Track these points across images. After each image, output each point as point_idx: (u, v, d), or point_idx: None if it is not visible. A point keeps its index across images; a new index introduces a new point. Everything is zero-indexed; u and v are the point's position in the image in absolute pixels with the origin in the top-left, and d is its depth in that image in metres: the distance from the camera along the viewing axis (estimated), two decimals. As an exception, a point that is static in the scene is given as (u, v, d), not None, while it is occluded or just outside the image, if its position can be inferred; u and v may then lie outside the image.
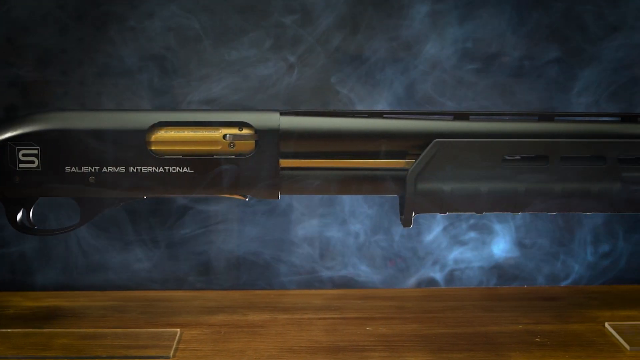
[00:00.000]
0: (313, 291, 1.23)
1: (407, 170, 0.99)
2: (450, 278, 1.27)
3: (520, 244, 1.28)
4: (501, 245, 1.28)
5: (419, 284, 1.28)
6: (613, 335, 1.06)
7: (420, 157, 0.99)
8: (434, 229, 1.26)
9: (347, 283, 1.27)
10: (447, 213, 1.01)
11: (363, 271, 1.27)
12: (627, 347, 1.02)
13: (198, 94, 1.19)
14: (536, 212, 1.01)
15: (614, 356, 1.00)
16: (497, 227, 1.26)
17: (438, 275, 1.27)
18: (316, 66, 1.20)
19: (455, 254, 1.27)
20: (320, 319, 1.12)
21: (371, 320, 1.11)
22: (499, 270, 1.28)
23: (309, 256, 1.26)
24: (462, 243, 1.27)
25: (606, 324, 1.08)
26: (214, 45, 1.19)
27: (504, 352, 1.01)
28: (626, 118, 1.03)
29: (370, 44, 1.20)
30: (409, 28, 1.19)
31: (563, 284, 1.28)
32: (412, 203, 1.00)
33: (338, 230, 1.25)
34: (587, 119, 1.04)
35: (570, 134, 1.01)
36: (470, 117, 1.02)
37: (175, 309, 1.15)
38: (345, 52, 1.21)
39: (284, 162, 1.00)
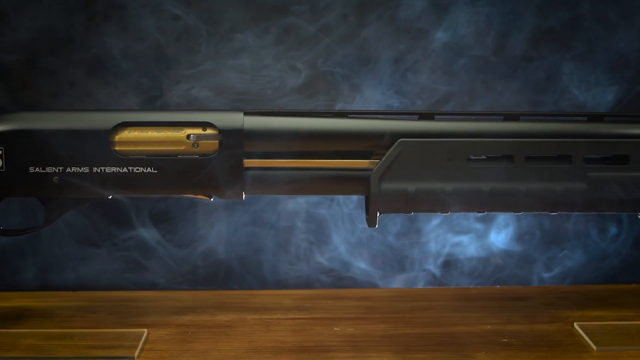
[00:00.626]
0: (284, 291, 1.23)
1: (371, 170, 0.99)
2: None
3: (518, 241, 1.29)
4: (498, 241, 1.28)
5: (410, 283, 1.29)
6: (581, 336, 1.05)
7: (384, 157, 0.99)
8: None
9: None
10: (413, 213, 1.01)
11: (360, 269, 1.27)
12: (594, 347, 1.02)
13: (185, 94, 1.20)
14: (501, 212, 1.01)
15: (580, 356, 1.00)
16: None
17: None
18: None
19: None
20: (288, 319, 1.11)
21: (340, 321, 1.11)
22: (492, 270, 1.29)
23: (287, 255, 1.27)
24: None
25: (575, 324, 1.08)
26: (207, 44, 1.19)
27: (469, 352, 1.01)
28: (593, 117, 1.03)
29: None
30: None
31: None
32: (376, 203, 0.99)
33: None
34: (553, 118, 1.03)
35: (536, 134, 1.01)
36: (436, 116, 1.02)
37: (144, 309, 1.15)
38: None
39: (248, 162, 1.00)
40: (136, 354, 1.00)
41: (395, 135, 1.00)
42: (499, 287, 1.26)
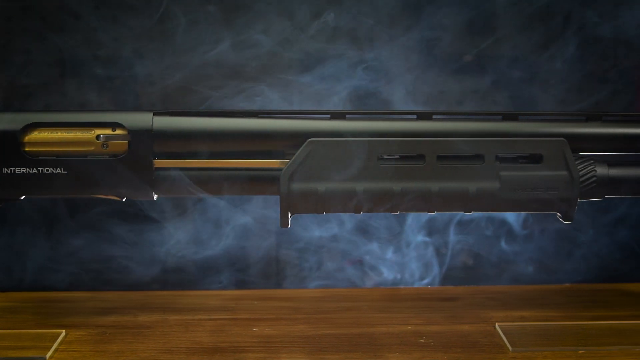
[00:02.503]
0: (211, 292, 1.22)
1: (282, 170, 0.99)
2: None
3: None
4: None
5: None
6: (500, 336, 1.05)
7: (294, 157, 0.98)
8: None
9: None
10: (324, 213, 1.00)
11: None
12: (510, 348, 1.01)
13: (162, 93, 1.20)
14: (414, 212, 1.01)
15: (494, 357, 0.99)
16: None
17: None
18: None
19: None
20: (210, 320, 1.11)
21: (261, 321, 1.10)
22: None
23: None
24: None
25: (496, 325, 1.07)
26: (183, 46, 1.19)
27: (383, 353, 1.00)
28: (507, 116, 1.02)
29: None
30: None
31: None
32: (286, 203, 0.99)
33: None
34: (466, 117, 1.02)
35: (449, 133, 1.00)
36: (347, 116, 1.01)
37: (68, 310, 1.14)
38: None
39: (159, 163, 0.99)
40: (48, 355, 0.99)
41: (306, 135, 0.99)
42: (429, 287, 1.25)
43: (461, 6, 1.20)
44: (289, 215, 1.00)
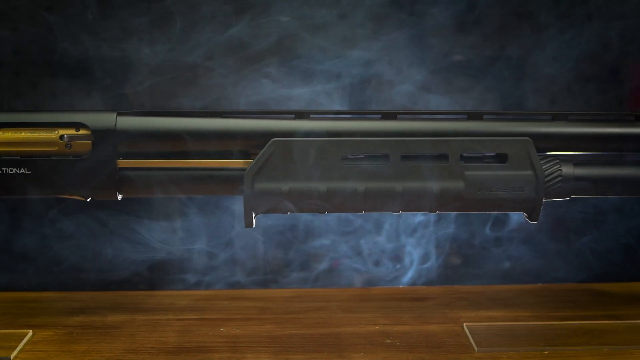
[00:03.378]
0: (182, 292, 1.22)
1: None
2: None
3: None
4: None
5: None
6: (467, 337, 1.04)
7: (258, 156, 0.98)
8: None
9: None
10: (289, 213, 1.00)
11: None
12: (476, 348, 1.01)
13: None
14: (379, 212, 1.00)
15: (459, 358, 0.99)
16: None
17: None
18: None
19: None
20: (178, 320, 1.11)
21: (229, 321, 1.10)
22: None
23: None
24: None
25: (464, 325, 1.07)
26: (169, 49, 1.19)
27: (348, 353, 1.00)
28: (472, 116, 1.01)
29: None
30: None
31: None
32: (250, 203, 0.98)
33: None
34: (431, 117, 1.02)
35: (413, 133, 1.00)
36: (311, 115, 1.01)
37: (38, 310, 1.14)
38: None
39: (123, 163, 0.99)
40: (13, 355, 0.99)
41: (270, 135, 0.99)
42: (401, 287, 1.25)
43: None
44: (253, 215, 1.00)
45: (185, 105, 1.20)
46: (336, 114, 1.02)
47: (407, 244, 1.25)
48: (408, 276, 1.26)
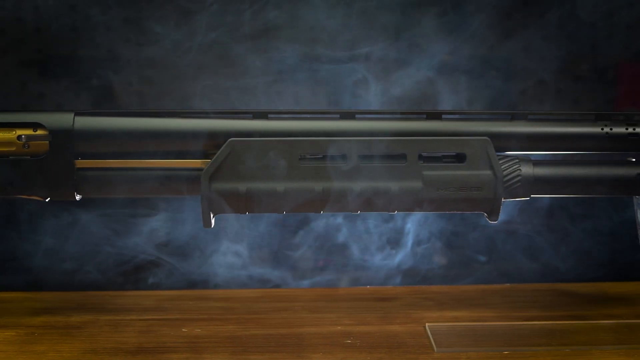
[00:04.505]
0: (148, 292, 1.22)
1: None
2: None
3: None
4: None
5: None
6: (428, 337, 1.04)
7: (215, 156, 0.98)
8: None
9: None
10: (247, 213, 1.00)
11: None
12: (435, 348, 1.01)
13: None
14: (338, 212, 1.00)
15: (418, 358, 0.99)
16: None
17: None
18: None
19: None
20: (141, 320, 1.11)
21: (192, 321, 1.10)
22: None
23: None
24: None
25: (426, 325, 1.07)
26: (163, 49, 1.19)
27: (307, 353, 1.00)
28: (431, 115, 1.01)
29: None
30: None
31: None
32: (207, 204, 0.98)
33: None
34: (390, 116, 1.02)
35: (372, 132, 1.00)
36: (270, 115, 1.01)
37: (2, 311, 1.14)
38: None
39: (81, 163, 0.99)
40: (-29, 356, 1.00)
41: (227, 135, 0.99)
42: (367, 287, 1.25)
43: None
44: (211, 215, 1.00)
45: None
46: (294, 114, 1.02)
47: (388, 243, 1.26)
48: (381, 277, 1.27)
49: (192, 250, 1.25)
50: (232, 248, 1.26)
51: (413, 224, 1.25)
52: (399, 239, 1.25)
